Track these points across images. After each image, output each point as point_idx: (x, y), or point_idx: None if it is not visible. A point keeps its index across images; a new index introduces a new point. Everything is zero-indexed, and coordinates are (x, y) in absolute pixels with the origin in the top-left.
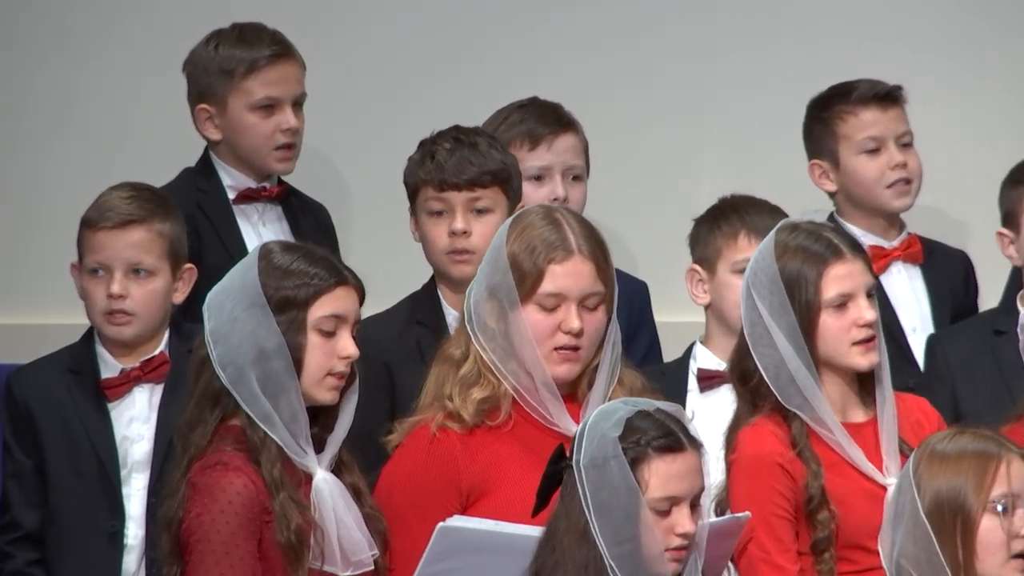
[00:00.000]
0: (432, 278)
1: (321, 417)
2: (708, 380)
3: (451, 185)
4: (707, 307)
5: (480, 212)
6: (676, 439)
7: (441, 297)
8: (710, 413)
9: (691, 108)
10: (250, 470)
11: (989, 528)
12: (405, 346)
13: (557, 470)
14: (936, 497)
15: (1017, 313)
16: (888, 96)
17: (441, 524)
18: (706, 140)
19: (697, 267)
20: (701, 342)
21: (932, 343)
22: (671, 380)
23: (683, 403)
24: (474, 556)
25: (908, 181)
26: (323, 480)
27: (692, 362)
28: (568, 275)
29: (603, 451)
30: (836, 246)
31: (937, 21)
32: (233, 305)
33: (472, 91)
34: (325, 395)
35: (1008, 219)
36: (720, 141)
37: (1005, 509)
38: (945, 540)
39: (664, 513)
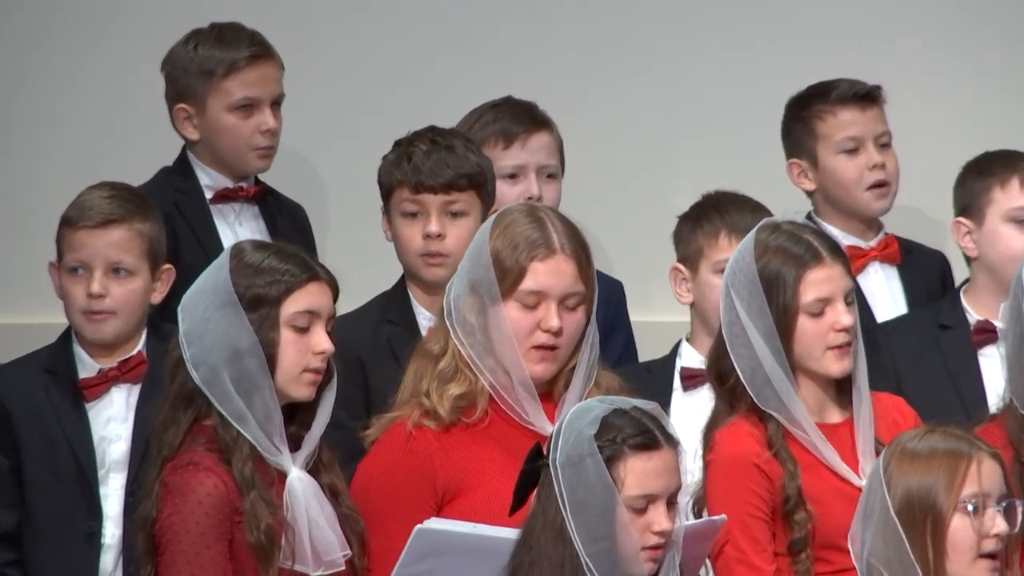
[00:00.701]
0: (403, 277)
1: (299, 415)
2: (691, 379)
3: (427, 187)
4: (692, 306)
5: (455, 215)
6: (652, 437)
7: (412, 297)
8: (693, 412)
9: (667, 107)
10: (221, 470)
11: (959, 528)
12: (377, 345)
13: (534, 469)
14: (906, 496)
15: (962, 308)
16: (867, 96)
17: (419, 526)
18: (682, 139)
19: (680, 266)
20: (687, 340)
21: (876, 335)
22: (657, 378)
23: (668, 401)
24: (451, 558)
25: (886, 183)
26: (297, 479)
27: (678, 360)
28: (550, 274)
29: (579, 449)
30: (816, 249)
31: (914, 21)
32: (206, 306)
33: (448, 91)
34: (302, 391)
35: (969, 210)
36: (696, 140)
37: (976, 509)
38: (915, 539)
39: (640, 511)
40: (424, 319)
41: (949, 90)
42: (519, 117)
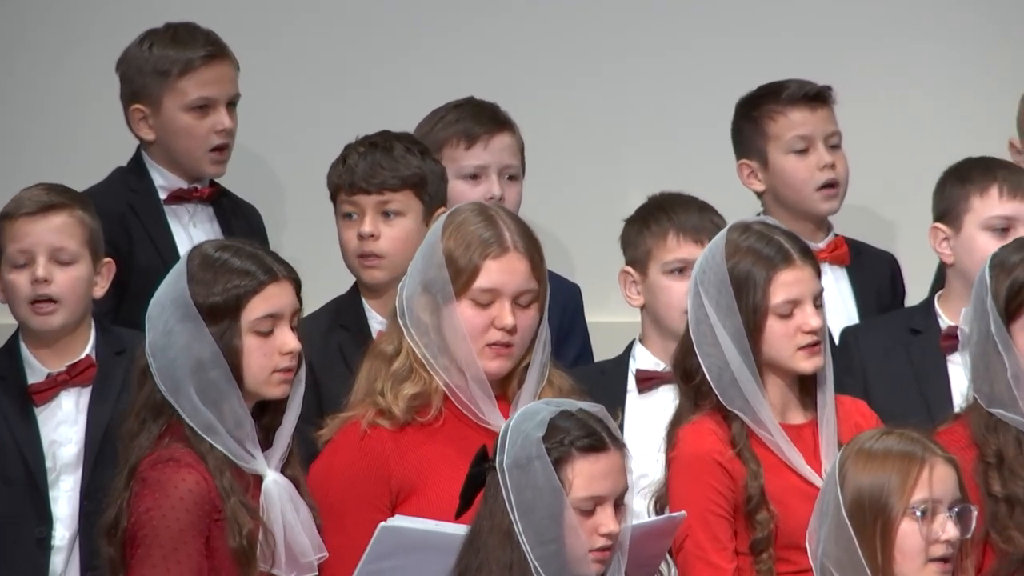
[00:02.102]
0: (356, 282)
1: (270, 410)
2: (647, 381)
3: (360, 188)
4: (642, 308)
5: (390, 216)
6: (599, 439)
7: (364, 301)
8: (649, 413)
9: (620, 108)
10: (201, 467)
11: (908, 533)
12: (328, 350)
13: (480, 472)
14: (858, 496)
15: (934, 313)
16: (817, 96)
17: (382, 524)
18: (635, 140)
19: (629, 269)
20: (640, 342)
21: (846, 336)
22: (611, 379)
23: (622, 403)
24: (415, 555)
25: (836, 184)
26: (273, 483)
27: (632, 362)
28: (503, 271)
29: (527, 451)
30: (787, 251)
31: (862, 21)
32: (168, 317)
33: (403, 92)
34: (275, 391)
35: (947, 216)
36: (649, 141)
37: (924, 514)
38: (865, 540)
39: (588, 513)
40: (377, 324)
41: (897, 90)
42: (481, 118)
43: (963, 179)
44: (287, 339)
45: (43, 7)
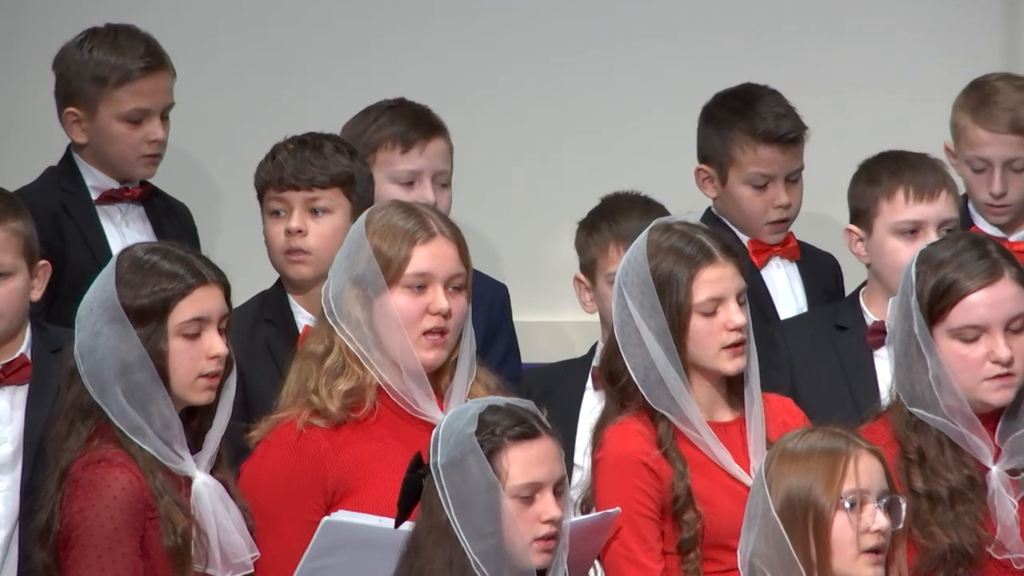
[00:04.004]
0: (280, 278)
1: (199, 413)
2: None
3: (289, 185)
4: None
5: (318, 213)
6: (530, 426)
7: (289, 297)
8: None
9: (552, 109)
10: (134, 466)
11: (840, 525)
12: (254, 345)
13: (415, 478)
14: (787, 496)
15: (860, 309)
16: (793, 140)
17: (326, 519)
18: (567, 140)
19: (581, 276)
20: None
21: (774, 333)
22: (573, 376)
23: (579, 400)
24: (357, 551)
25: (785, 220)
26: (203, 484)
27: (594, 360)
28: (434, 256)
29: (460, 448)
30: (708, 249)
31: (804, 20)
32: (96, 319)
33: (338, 93)
34: (199, 397)
35: (859, 217)
36: (581, 140)
37: (853, 505)
38: (797, 538)
39: (528, 501)
40: (303, 319)
41: (839, 91)
42: (418, 122)
43: (871, 181)
44: (214, 343)
45: None
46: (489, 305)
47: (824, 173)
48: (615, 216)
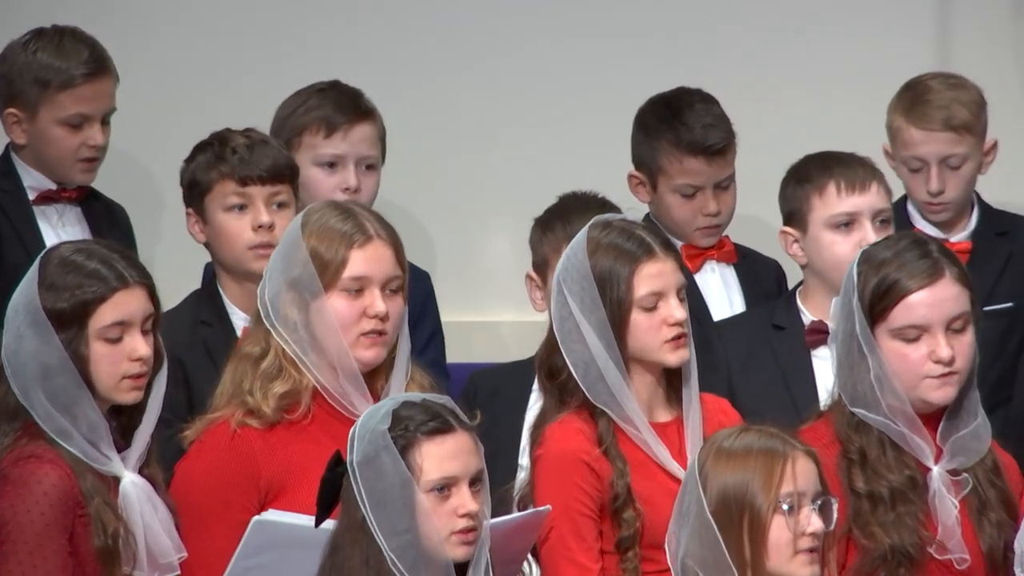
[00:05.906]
0: (212, 277)
1: (126, 411)
2: None
3: (254, 179)
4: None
5: (279, 206)
6: (444, 421)
7: (224, 296)
8: None
9: (492, 99)
10: (63, 463)
11: (776, 527)
12: (194, 346)
13: (334, 476)
14: (722, 495)
15: (797, 309)
16: (720, 151)
17: (256, 518)
18: (504, 130)
19: (533, 274)
20: None
21: (710, 334)
22: (520, 377)
23: (526, 401)
24: (287, 550)
25: (717, 225)
26: (131, 484)
27: None
28: (371, 259)
29: (374, 445)
30: (648, 244)
31: (746, 20)
32: (20, 321)
33: (274, 86)
34: (125, 397)
35: (793, 218)
36: (521, 131)
37: (791, 508)
38: (731, 538)
39: (443, 495)
40: (239, 319)
41: (777, 92)
42: (344, 106)
43: (801, 179)
44: (137, 345)
45: None
46: (412, 291)
47: (761, 175)
48: (570, 216)
